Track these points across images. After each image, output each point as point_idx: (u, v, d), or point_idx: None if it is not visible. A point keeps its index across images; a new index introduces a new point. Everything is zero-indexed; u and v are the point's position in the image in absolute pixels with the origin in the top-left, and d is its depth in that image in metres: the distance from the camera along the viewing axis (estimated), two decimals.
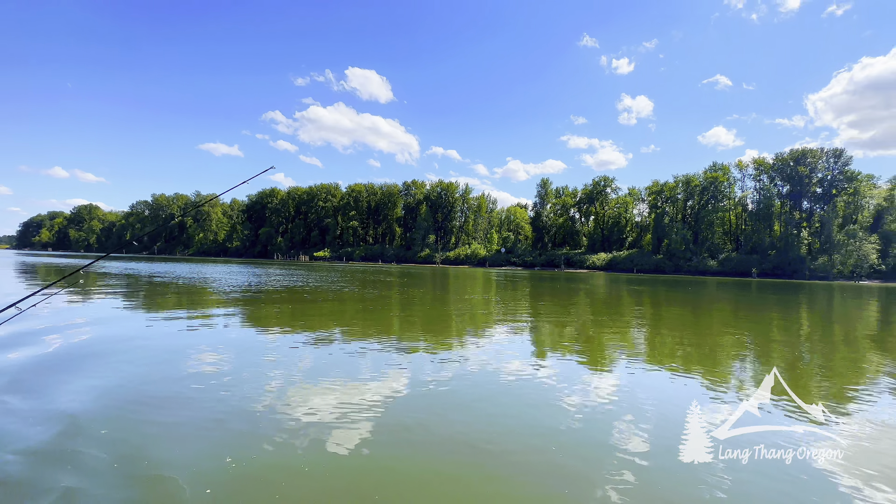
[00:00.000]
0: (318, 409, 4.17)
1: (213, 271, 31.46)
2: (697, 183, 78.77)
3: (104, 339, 7.17)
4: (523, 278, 39.51)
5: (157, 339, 7.40)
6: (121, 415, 4.05)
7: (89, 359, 5.93)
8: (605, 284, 32.87)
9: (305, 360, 6.18)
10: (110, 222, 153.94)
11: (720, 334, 9.88)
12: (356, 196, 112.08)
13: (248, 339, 7.56)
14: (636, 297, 21.30)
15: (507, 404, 4.59)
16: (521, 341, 8.15)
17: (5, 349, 6.31)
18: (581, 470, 3.18)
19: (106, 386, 4.87)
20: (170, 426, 3.78)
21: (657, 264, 73.28)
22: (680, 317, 14.01)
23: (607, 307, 15.56)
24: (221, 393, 4.66)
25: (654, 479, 3.04)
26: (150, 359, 6.01)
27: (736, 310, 15.99)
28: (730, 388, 5.06)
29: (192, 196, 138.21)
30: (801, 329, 11.23)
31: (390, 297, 16.01)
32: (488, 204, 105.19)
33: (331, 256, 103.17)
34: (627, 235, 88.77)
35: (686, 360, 6.84)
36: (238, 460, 3.19)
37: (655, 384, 5.29)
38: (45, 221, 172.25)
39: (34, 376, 5.21)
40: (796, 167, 70.29)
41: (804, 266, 62.76)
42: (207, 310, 11.57)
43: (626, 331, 10.12)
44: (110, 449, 3.32)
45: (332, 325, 9.35)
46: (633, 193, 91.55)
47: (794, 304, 19.63)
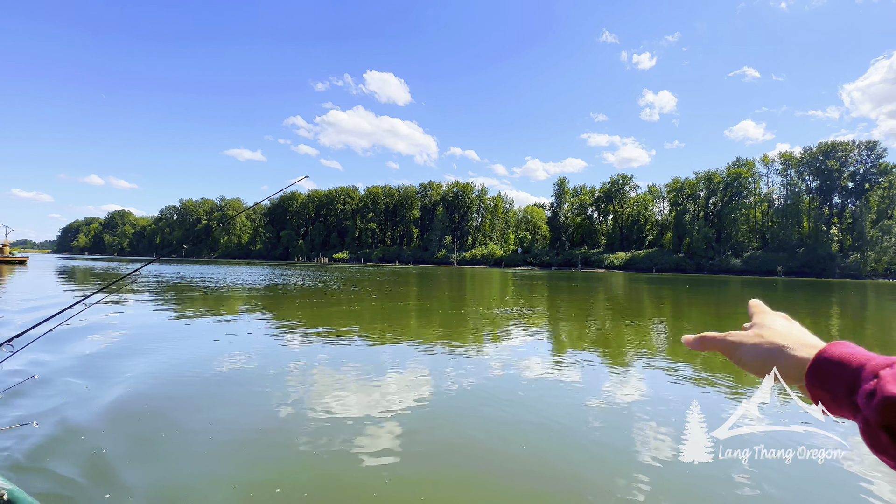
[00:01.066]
0: (340, 413, 4.21)
1: (239, 273, 32.71)
2: (720, 179, 76.64)
3: (142, 338, 7.64)
4: (538, 279, 39.29)
5: (190, 338, 7.85)
6: (145, 412, 4.19)
7: (132, 355, 6.33)
8: (621, 284, 32.28)
9: (326, 361, 6.26)
10: (141, 227, 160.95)
11: None
12: (374, 198, 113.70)
13: (268, 342, 7.85)
14: (653, 297, 20.83)
15: (525, 408, 4.60)
16: (534, 345, 8.27)
17: (54, 344, 6.64)
18: (581, 470, 3.23)
19: (140, 382, 5.07)
20: (187, 429, 3.83)
21: (678, 263, 71.63)
22: (700, 317, 13.76)
23: (621, 309, 15.28)
24: (242, 394, 4.75)
25: (654, 480, 3.06)
26: (178, 357, 6.33)
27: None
28: (730, 388, 5.07)
29: (217, 201, 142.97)
30: (830, 331, 10.97)
31: (365, 297, 16.44)
32: (505, 204, 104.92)
33: (349, 258, 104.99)
34: (647, 234, 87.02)
35: (687, 361, 6.81)
36: (255, 464, 3.20)
37: (655, 385, 5.37)
38: (82, 227, 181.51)
39: (93, 365, 5.63)
40: (826, 161, 67.53)
41: (834, 264, 60.22)
42: (230, 310, 12.04)
43: (636, 332, 10.14)
44: (135, 449, 3.42)
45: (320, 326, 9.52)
46: (654, 191, 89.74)
47: (824, 305, 18.74)
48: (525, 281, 33.89)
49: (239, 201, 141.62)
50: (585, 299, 18.90)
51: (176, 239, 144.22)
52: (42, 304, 11.79)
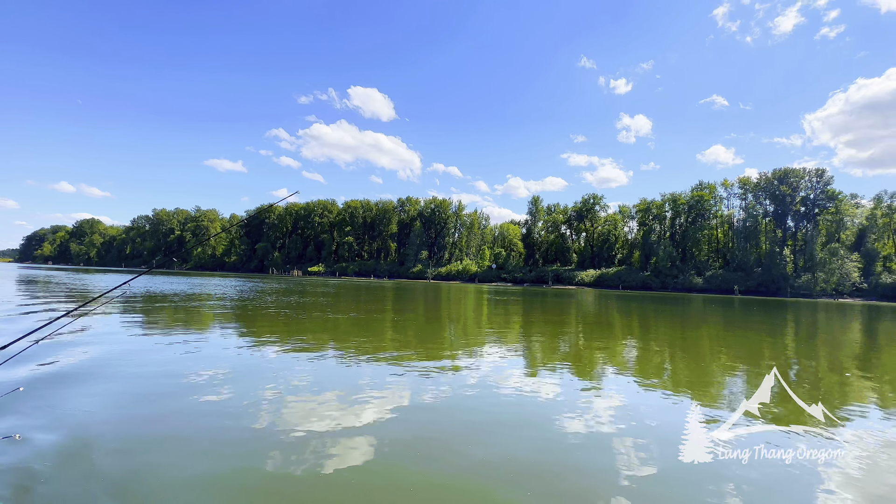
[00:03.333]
0: (316, 427, 4.13)
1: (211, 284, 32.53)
2: (684, 201, 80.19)
3: (112, 355, 7.31)
4: (510, 294, 40.07)
5: (158, 353, 7.65)
6: (119, 430, 4.07)
7: (96, 375, 6.05)
8: (590, 301, 33.32)
9: (302, 376, 6.18)
10: (111, 236, 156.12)
11: (709, 347, 10.19)
12: (352, 212, 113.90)
13: (245, 355, 7.77)
14: (618, 311, 21.50)
15: (505, 415, 4.59)
16: (505, 355, 8.24)
17: (26, 362, 6.30)
18: (580, 469, 3.20)
19: (107, 401, 4.91)
20: (167, 443, 3.75)
21: (644, 281, 74.05)
22: (667, 331, 14.29)
23: (584, 321, 15.99)
24: (217, 410, 4.64)
25: (655, 480, 3.04)
26: (152, 372, 6.19)
27: (717, 326, 15.94)
28: (730, 389, 5.09)
29: (192, 211, 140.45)
30: (787, 347, 11.22)
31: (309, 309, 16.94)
32: (481, 220, 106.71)
33: (325, 272, 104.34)
34: (617, 252, 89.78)
35: (682, 364, 6.82)
36: (233, 478, 3.15)
37: (654, 385, 5.34)
38: (47, 235, 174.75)
39: (49, 388, 5.26)
40: (780, 186, 71.68)
41: (787, 284, 63.48)
42: (202, 325, 11.95)
43: (614, 344, 10.41)
44: (108, 467, 3.33)
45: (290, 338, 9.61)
46: (624, 211, 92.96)
47: (779, 323, 19.53)
48: (497, 296, 34.64)
49: (214, 212, 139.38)
50: (548, 313, 19.54)
51: (147, 249, 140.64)
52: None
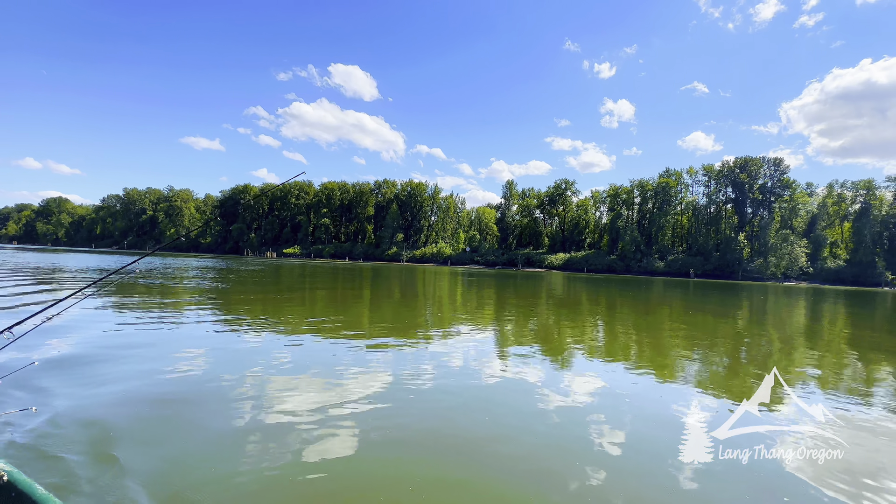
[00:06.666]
0: (300, 412, 4.08)
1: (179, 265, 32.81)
2: (651, 187, 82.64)
3: (133, 331, 7.62)
4: (482, 276, 41.17)
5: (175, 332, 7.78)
6: (141, 399, 4.17)
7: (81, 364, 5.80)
8: (553, 282, 34.30)
9: (284, 358, 6.11)
10: (80, 216, 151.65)
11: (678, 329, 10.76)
12: (329, 194, 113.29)
13: (224, 337, 7.78)
14: (570, 291, 22.58)
15: (484, 395, 4.67)
16: (478, 335, 8.52)
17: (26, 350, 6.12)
18: (579, 469, 3.15)
19: (114, 376, 4.97)
20: (145, 432, 3.68)
21: (610, 264, 76.80)
22: (630, 313, 15.14)
23: (556, 304, 16.90)
24: (202, 395, 4.60)
25: (655, 480, 3.02)
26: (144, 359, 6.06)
27: (677, 309, 17.01)
28: (729, 389, 5.01)
29: (164, 190, 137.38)
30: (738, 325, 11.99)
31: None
32: (457, 204, 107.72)
33: (300, 253, 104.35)
34: (587, 237, 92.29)
35: (648, 347, 6.85)
36: (219, 467, 3.09)
37: (654, 384, 5.23)
38: (12, 214, 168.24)
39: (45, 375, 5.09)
40: (740, 174, 74.55)
41: (741, 267, 66.92)
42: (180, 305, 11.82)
43: (583, 325, 10.76)
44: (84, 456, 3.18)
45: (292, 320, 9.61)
46: (595, 196, 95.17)
47: (733, 300, 20.83)
48: (469, 278, 35.86)
49: (188, 192, 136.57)
50: (519, 295, 20.38)
51: (119, 230, 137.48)
52: None
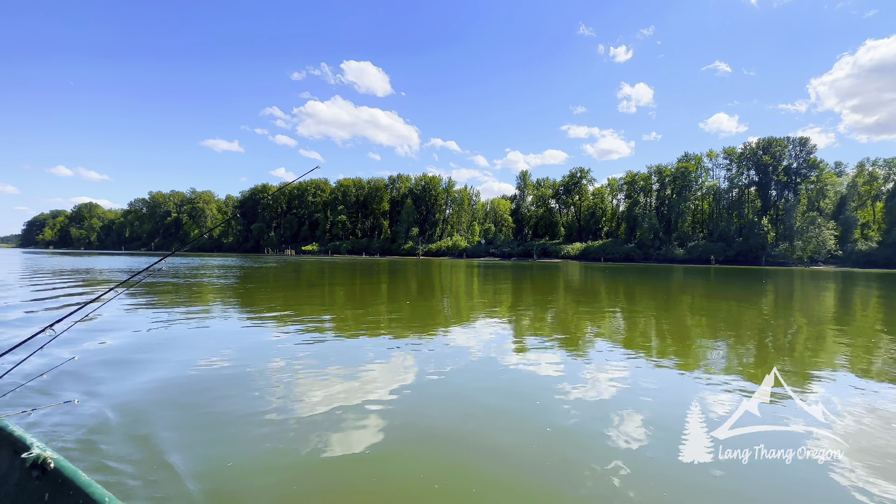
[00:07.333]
0: (320, 405, 4.16)
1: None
2: (669, 173, 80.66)
3: (167, 329, 7.62)
4: (494, 268, 40.99)
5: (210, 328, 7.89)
6: (179, 393, 4.30)
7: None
8: (568, 273, 33.74)
9: (304, 353, 6.22)
10: (110, 220, 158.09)
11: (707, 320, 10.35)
12: (344, 191, 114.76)
13: (245, 332, 7.94)
14: (586, 282, 21.91)
15: (504, 389, 4.70)
16: (497, 327, 8.58)
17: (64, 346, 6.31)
18: (578, 468, 3.18)
19: (152, 372, 5.12)
20: (178, 420, 3.81)
21: (628, 253, 75.60)
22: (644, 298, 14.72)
23: (547, 294, 16.51)
24: (230, 386, 4.68)
25: (654, 480, 3.03)
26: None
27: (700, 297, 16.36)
28: (729, 388, 5.02)
29: (187, 193, 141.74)
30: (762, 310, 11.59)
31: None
32: (472, 196, 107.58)
33: (318, 250, 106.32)
34: (604, 226, 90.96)
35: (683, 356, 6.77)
36: (238, 458, 3.14)
37: (654, 384, 5.25)
38: (48, 220, 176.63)
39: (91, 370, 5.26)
40: (763, 156, 71.98)
41: (765, 253, 64.90)
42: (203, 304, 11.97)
43: (601, 314, 10.71)
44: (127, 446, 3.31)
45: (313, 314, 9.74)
46: (612, 184, 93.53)
47: (756, 287, 19.92)
48: (486, 270, 36.05)
49: (210, 193, 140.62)
50: (535, 286, 19.99)
51: (146, 232, 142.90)
52: None
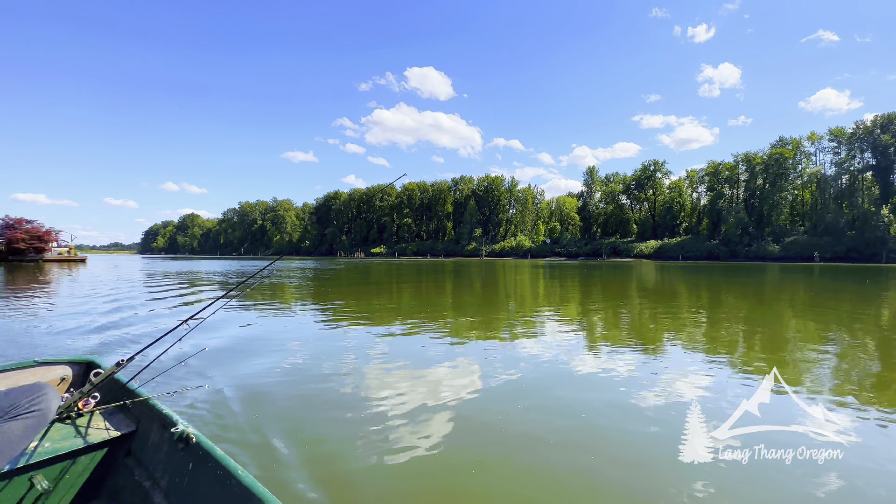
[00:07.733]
0: (391, 404, 4.25)
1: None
2: (760, 160, 72.43)
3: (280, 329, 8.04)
4: (560, 268, 39.69)
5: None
6: (281, 384, 4.59)
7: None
8: (641, 273, 31.40)
9: (373, 350, 6.42)
10: (207, 228, 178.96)
11: (716, 325, 9.08)
12: (409, 195, 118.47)
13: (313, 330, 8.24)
14: (653, 288, 17.84)
15: (573, 393, 4.63)
16: (566, 330, 8.35)
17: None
18: (577, 468, 3.20)
19: (270, 363, 5.43)
20: (282, 405, 4.07)
21: (710, 251, 69.14)
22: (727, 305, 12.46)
23: (613, 297, 14.60)
24: (300, 386, 4.84)
25: (653, 480, 3.03)
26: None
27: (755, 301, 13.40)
28: (729, 388, 5.03)
29: (270, 202, 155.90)
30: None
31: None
32: (536, 195, 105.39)
33: (386, 252, 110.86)
34: (682, 221, 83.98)
35: (687, 356, 6.56)
36: (315, 449, 3.25)
37: (653, 383, 5.27)
38: (159, 230, 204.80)
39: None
40: (881, 135, 61.85)
41: (885, 248, 55.64)
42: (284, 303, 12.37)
43: (630, 324, 9.54)
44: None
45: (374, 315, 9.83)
46: (691, 176, 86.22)
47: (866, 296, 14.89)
48: (547, 270, 34.66)
49: (289, 201, 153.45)
50: (605, 287, 17.99)
51: (236, 238, 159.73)
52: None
